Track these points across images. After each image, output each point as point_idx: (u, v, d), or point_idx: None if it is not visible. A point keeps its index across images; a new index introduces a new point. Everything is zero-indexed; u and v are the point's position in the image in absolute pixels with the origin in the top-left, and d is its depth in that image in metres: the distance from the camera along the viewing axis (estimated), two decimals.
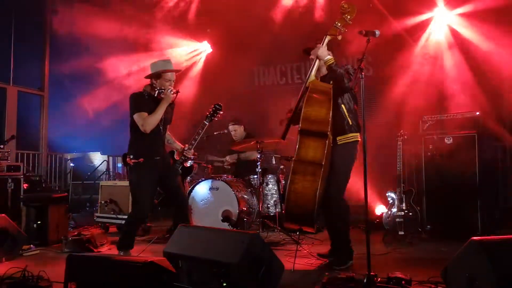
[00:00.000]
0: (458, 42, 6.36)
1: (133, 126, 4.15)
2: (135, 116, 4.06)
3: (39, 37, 8.98)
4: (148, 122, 4.02)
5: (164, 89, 4.12)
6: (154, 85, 4.16)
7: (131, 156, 4.11)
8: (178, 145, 4.53)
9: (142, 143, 4.12)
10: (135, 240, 4.29)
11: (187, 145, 4.42)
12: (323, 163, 3.56)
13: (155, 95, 4.15)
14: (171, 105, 4.29)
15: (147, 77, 4.22)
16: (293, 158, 3.68)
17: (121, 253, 4.17)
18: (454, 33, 6.45)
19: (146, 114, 4.04)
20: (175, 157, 4.52)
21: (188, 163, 4.47)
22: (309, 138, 3.68)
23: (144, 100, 4.13)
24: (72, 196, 7.75)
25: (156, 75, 4.13)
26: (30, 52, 8.81)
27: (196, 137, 4.46)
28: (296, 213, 3.58)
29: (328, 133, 3.64)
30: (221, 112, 4.60)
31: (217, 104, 4.63)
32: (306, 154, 3.65)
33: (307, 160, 3.62)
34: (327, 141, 3.62)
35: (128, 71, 8.94)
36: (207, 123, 4.52)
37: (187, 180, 5.81)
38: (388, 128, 6.22)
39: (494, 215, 5.28)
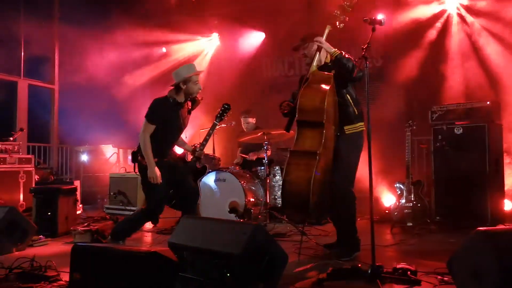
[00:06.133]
0: (470, 30, 6.25)
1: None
2: (144, 122, 4.04)
3: (49, 30, 9.04)
4: (144, 139, 3.99)
5: (193, 94, 4.12)
6: (182, 89, 4.10)
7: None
8: (189, 146, 4.53)
9: (157, 144, 4.07)
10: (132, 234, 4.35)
11: (197, 145, 4.43)
12: (318, 152, 3.52)
13: (182, 101, 4.13)
14: (189, 111, 4.29)
15: (173, 85, 4.14)
16: (290, 149, 3.68)
17: (109, 240, 4.22)
18: (465, 21, 6.33)
19: (153, 127, 4.01)
20: (186, 159, 4.53)
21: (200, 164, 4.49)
22: (306, 129, 3.67)
23: (164, 109, 4.07)
24: (83, 188, 7.84)
25: (184, 81, 4.08)
26: (41, 45, 8.88)
27: (207, 137, 4.46)
28: (293, 202, 3.57)
29: (324, 122, 3.58)
30: (230, 112, 4.62)
31: (225, 104, 4.64)
32: (304, 144, 3.63)
33: (303, 150, 3.61)
34: (324, 131, 3.58)
35: (137, 64, 9.01)
36: (217, 123, 4.53)
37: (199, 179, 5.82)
38: (397, 118, 6.16)
39: (504, 206, 5.21)
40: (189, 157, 4.53)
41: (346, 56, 3.77)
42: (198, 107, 4.48)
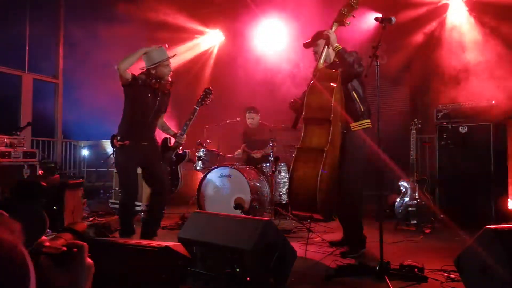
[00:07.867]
0: (476, 28, 6.25)
1: (124, 108, 4.20)
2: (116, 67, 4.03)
3: (54, 25, 9.02)
4: (122, 62, 3.99)
5: (161, 79, 4.13)
6: (151, 73, 4.12)
7: (118, 138, 4.14)
8: (172, 131, 4.55)
9: (130, 126, 4.13)
10: (134, 225, 4.34)
11: (179, 131, 4.45)
12: (325, 149, 3.55)
13: (150, 83, 4.13)
14: (167, 94, 4.29)
15: (143, 68, 4.16)
16: (297, 146, 3.70)
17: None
18: (471, 19, 6.34)
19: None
20: (169, 144, 4.55)
21: (182, 151, 4.53)
22: (313, 126, 3.69)
23: (134, 87, 4.09)
24: (86, 183, 7.85)
25: (155, 66, 4.10)
26: (45, 40, 8.86)
27: (188, 122, 4.46)
28: (300, 199, 3.59)
29: (332, 119, 3.61)
30: (212, 96, 4.59)
31: (207, 88, 4.62)
32: (311, 141, 3.66)
33: (310, 147, 3.63)
34: (331, 128, 3.61)
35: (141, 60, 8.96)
36: (197, 108, 4.52)
37: (198, 168, 5.84)
38: (401, 116, 6.17)
39: (508, 205, 5.24)
40: (172, 142, 4.55)
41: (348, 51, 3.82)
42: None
